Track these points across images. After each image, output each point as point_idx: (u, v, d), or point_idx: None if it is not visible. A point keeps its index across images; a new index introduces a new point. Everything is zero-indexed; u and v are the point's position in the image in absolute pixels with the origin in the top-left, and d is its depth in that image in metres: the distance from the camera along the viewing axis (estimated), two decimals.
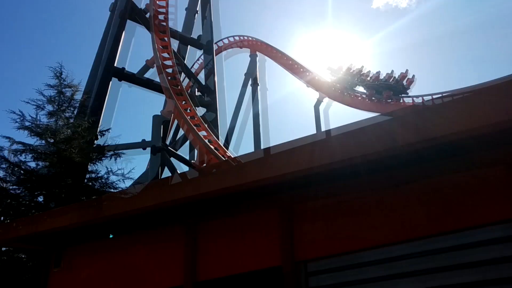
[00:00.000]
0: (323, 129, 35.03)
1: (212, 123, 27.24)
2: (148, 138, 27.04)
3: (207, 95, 29.61)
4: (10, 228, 6.22)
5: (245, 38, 43.37)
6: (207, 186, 4.35)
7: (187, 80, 33.24)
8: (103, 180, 16.12)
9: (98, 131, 17.99)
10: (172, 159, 26.69)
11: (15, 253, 13.62)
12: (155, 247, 5.39)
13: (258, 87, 41.19)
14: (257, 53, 42.58)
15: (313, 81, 38.09)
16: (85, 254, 6.00)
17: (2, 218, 13.87)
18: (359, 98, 35.36)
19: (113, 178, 16.14)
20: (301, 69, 39.37)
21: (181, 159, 27.67)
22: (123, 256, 5.63)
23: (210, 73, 30.64)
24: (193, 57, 38.78)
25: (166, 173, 25.80)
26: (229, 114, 40.94)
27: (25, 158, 15.38)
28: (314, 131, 35.71)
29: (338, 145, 3.86)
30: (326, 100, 36.81)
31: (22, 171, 14.97)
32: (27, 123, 15.54)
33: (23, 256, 13.60)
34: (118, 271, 5.60)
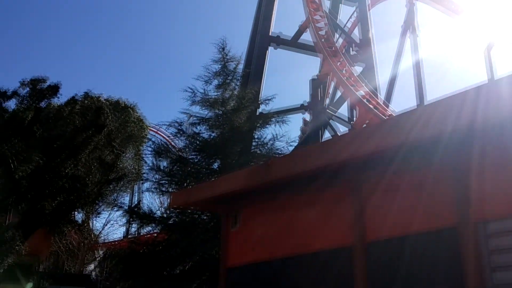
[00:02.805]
0: (498, 75, 31.31)
1: (370, 81, 26.34)
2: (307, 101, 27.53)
3: (363, 52, 28.60)
4: (193, 193, 6.98)
5: None
6: (368, 146, 4.24)
7: (341, 39, 32.59)
8: (268, 146, 16.95)
9: (261, 99, 18.88)
10: (332, 121, 26.74)
11: (199, 215, 15.33)
12: (322, 207, 5.52)
13: (418, 38, 38.29)
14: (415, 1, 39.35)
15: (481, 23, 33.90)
16: (257, 214, 6.45)
17: (185, 184, 15.66)
18: None
19: (277, 143, 16.85)
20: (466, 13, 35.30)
21: (341, 120, 27.54)
22: (292, 216, 5.89)
23: (365, 29, 29.44)
24: (347, 15, 37.71)
25: (327, 135, 26.00)
26: (387, 68, 39.15)
27: (200, 129, 17.05)
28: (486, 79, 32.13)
29: None
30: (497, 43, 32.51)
31: (198, 141, 16.62)
32: (198, 98, 17.09)
33: (205, 217, 15.22)
34: (287, 230, 5.90)
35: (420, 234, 4.35)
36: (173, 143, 24.52)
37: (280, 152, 16.46)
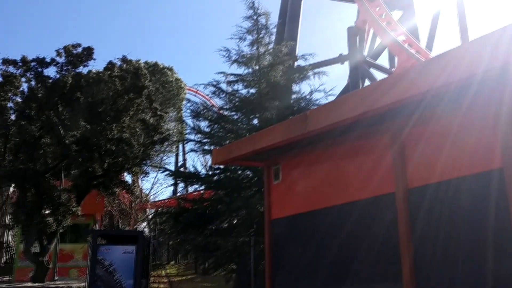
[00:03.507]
0: None
1: (410, 26, 25.23)
2: (346, 51, 26.78)
3: None
4: (233, 149, 7.07)
5: None
6: (408, 90, 4.12)
7: None
8: (307, 99, 16.83)
9: (298, 55, 18.58)
10: (372, 69, 26.01)
11: (243, 171, 15.62)
12: (362, 156, 5.50)
13: None
14: None
15: None
16: (298, 166, 6.51)
17: (227, 142, 15.89)
18: None
19: (316, 95, 16.71)
20: None
21: (380, 69, 26.74)
22: (332, 166, 5.91)
23: None
24: None
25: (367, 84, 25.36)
26: (428, 13, 37.24)
27: (237, 87, 17.10)
28: None
29: None
30: None
31: (236, 99, 16.70)
32: (233, 57, 17.02)
33: (249, 173, 15.50)
34: (328, 180, 5.94)
35: (464, 178, 4.27)
36: (212, 102, 24.78)
37: (318, 104, 16.36)
